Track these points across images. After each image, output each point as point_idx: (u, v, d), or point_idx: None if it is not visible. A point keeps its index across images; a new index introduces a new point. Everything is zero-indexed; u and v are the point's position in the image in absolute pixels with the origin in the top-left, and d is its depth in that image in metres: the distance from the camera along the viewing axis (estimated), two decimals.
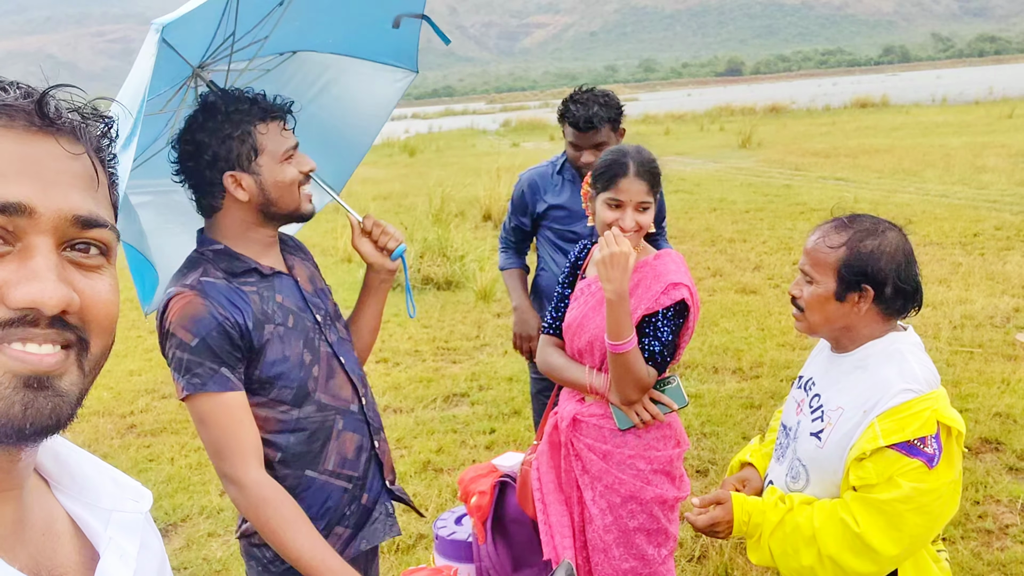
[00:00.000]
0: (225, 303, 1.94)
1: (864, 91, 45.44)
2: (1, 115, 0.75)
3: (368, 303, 2.39)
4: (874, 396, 1.98)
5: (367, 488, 2.18)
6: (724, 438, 5.08)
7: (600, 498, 2.62)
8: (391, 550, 4.01)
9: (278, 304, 2.06)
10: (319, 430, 2.08)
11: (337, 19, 2.50)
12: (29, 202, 0.74)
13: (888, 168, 16.58)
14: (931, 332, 6.78)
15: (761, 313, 7.68)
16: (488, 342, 7.45)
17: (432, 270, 9.49)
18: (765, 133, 25.71)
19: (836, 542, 1.95)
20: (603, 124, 3.37)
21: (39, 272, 0.74)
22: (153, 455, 5.36)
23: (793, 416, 2.24)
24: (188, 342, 1.89)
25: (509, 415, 5.70)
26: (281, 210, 2.05)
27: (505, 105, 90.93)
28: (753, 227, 11.69)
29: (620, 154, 2.58)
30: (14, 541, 0.80)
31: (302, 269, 2.23)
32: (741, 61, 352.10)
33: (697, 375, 6.28)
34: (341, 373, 2.15)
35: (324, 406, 2.08)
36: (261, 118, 2.00)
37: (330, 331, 2.17)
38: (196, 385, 1.89)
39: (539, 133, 34.76)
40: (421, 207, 13.09)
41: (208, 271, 1.99)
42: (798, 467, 2.14)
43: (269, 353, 1.99)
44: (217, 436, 1.90)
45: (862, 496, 1.94)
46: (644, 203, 2.54)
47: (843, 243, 2.06)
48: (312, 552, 1.84)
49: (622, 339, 2.44)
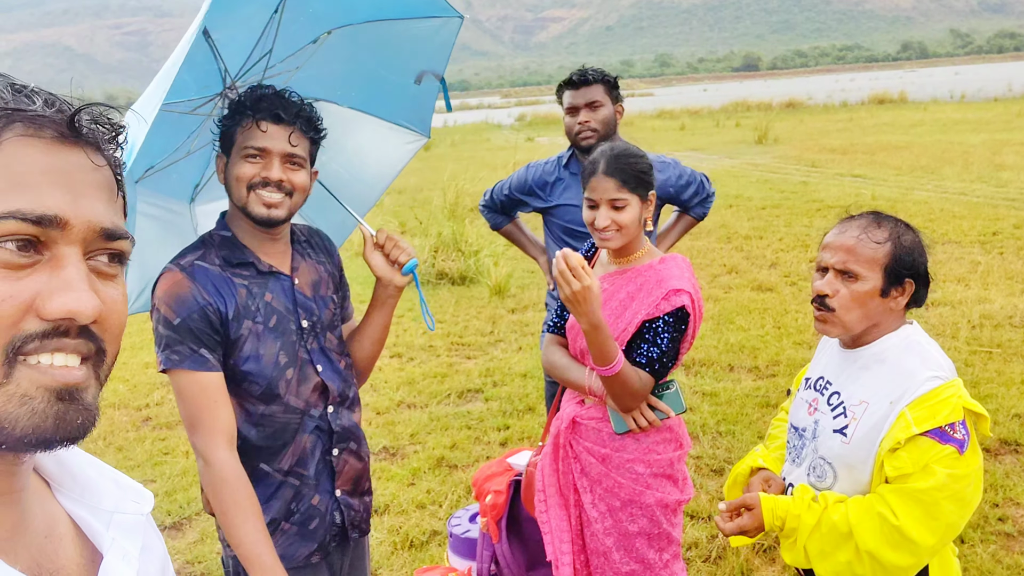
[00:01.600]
0: (211, 289, 2.02)
1: (882, 87, 45.17)
2: (29, 124, 0.75)
3: (373, 317, 2.37)
4: (900, 386, 1.99)
5: (318, 490, 2.21)
6: (740, 437, 5.05)
7: (600, 501, 2.59)
8: (404, 547, 4.01)
9: (265, 302, 2.10)
10: (282, 430, 2.13)
11: (362, 76, 2.56)
12: (63, 213, 0.75)
13: (906, 165, 16.46)
14: (949, 332, 6.72)
15: (777, 311, 7.63)
16: (502, 338, 7.43)
17: (446, 265, 9.48)
18: (781, 129, 25.58)
19: (874, 537, 1.95)
20: (597, 80, 3.54)
21: (72, 282, 0.75)
22: (168, 448, 5.38)
23: (805, 417, 2.23)
24: (171, 320, 1.98)
25: (523, 411, 5.69)
26: (237, 205, 2.08)
27: (520, 99, 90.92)
28: (769, 224, 11.62)
29: (598, 152, 2.57)
30: (15, 543, 0.80)
31: (308, 272, 2.24)
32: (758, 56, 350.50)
33: (713, 373, 6.25)
34: (314, 379, 2.17)
35: (290, 408, 2.13)
36: (248, 115, 2.05)
37: (315, 339, 2.19)
38: (174, 362, 1.97)
39: (554, 127, 34.70)
40: (436, 201, 13.07)
41: (207, 256, 2.07)
42: (823, 466, 2.13)
43: (243, 348, 2.05)
44: (192, 412, 1.98)
45: (898, 487, 1.94)
46: (616, 200, 2.48)
47: (887, 238, 2.06)
48: (253, 543, 1.91)
49: (608, 363, 2.40)
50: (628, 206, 2.49)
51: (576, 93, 3.53)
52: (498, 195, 3.90)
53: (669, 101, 51.63)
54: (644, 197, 2.52)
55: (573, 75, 3.58)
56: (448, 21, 2.50)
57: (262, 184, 2.04)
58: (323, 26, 2.42)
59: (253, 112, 2.04)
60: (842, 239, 2.09)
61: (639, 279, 2.54)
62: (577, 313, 2.34)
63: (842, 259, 2.07)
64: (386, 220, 12.87)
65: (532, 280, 9.31)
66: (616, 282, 2.56)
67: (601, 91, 3.52)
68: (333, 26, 2.43)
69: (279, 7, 2.24)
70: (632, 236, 2.54)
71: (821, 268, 2.14)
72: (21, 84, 0.78)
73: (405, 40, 2.51)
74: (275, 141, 2.04)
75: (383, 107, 2.66)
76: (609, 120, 3.52)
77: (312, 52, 2.44)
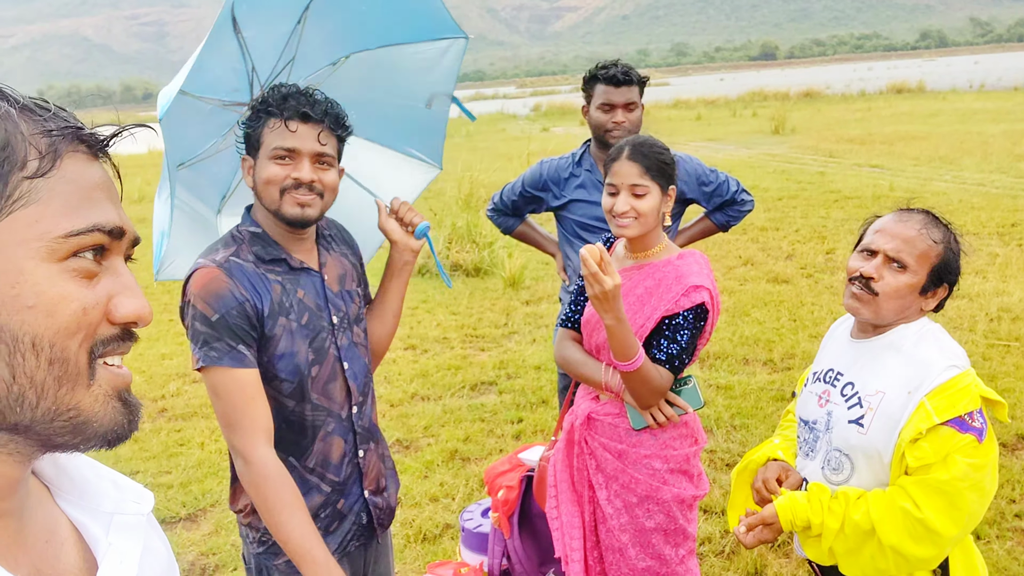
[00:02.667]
0: (248, 286, 2.00)
1: (900, 76, 44.78)
2: (73, 139, 0.80)
3: (391, 286, 2.41)
4: (918, 376, 2.00)
5: (345, 494, 2.22)
6: (754, 431, 5.02)
7: (615, 497, 2.58)
8: (416, 540, 4.01)
9: (298, 299, 2.10)
10: (308, 427, 2.13)
11: (376, 106, 2.57)
12: (125, 225, 0.81)
13: (924, 155, 16.32)
14: (967, 324, 6.66)
15: (793, 303, 7.58)
16: (516, 330, 7.43)
17: (461, 257, 9.48)
18: (799, 119, 25.41)
19: (896, 532, 1.95)
20: (636, 81, 3.45)
21: (132, 287, 0.81)
22: (184, 439, 5.41)
23: (816, 410, 2.22)
24: (208, 316, 1.96)
25: (537, 404, 5.68)
26: (268, 207, 2.06)
27: (536, 89, 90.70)
28: (785, 215, 11.56)
29: (624, 141, 2.57)
30: (16, 550, 0.81)
31: (335, 267, 2.24)
32: (775, 45, 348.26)
33: (727, 366, 6.22)
34: (340, 378, 2.18)
35: (317, 406, 2.13)
36: (275, 114, 2.03)
37: (343, 334, 2.20)
38: (212, 359, 1.95)
39: (570, 118, 34.61)
40: (450, 192, 13.07)
41: (240, 252, 2.05)
42: (838, 458, 2.12)
43: (277, 345, 2.04)
44: (229, 410, 1.96)
45: (919, 479, 1.94)
46: (638, 187, 2.47)
47: (942, 239, 2.08)
48: (302, 537, 1.90)
49: (629, 359, 2.40)
50: (648, 194, 2.48)
51: (615, 91, 3.43)
52: (508, 196, 3.83)
53: (685, 91, 51.38)
54: (665, 189, 2.52)
55: (613, 71, 3.45)
56: (454, 42, 2.51)
57: (294, 186, 2.01)
58: (341, 49, 2.44)
59: (280, 111, 2.01)
60: (902, 228, 2.08)
61: (657, 275, 2.53)
62: (603, 309, 2.33)
63: (897, 247, 2.06)
64: None
65: (546, 272, 9.30)
66: (634, 277, 2.55)
67: (637, 92, 3.46)
68: (351, 50, 2.45)
69: (302, 17, 2.25)
70: (650, 227, 2.52)
71: (868, 250, 2.12)
72: (34, 101, 0.81)
73: (414, 65, 2.53)
74: (304, 141, 2.02)
75: (396, 137, 2.68)
76: (639, 122, 3.49)
77: (329, 74, 2.44)
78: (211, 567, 3.93)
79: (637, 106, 3.45)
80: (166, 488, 4.70)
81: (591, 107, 3.51)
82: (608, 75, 3.44)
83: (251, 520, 2.14)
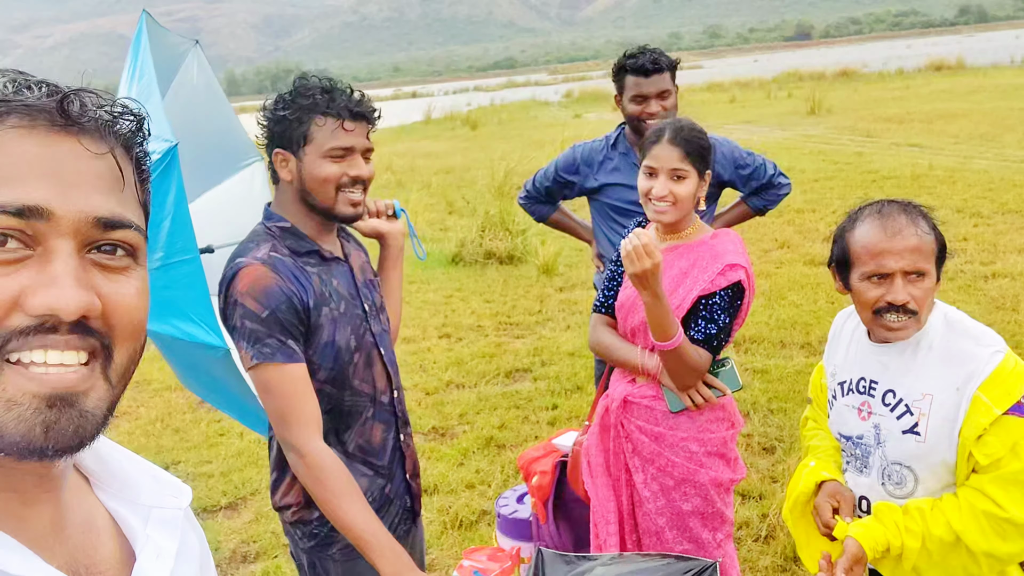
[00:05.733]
0: (292, 279, 2.02)
1: (939, 53, 43.82)
2: (23, 116, 0.74)
3: (392, 275, 2.46)
4: (963, 371, 1.92)
5: (391, 478, 2.25)
6: (792, 415, 4.98)
7: (652, 481, 2.57)
8: (453, 526, 4.04)
9: (334, 288, 2.13)
10: (348, 414, 2.15)
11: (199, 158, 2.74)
12: (47, 204, 0.73)
13: (965, 133, 16.00)
14: (1009, 304, 6.54)
15: (830, 286, 7.42)
16: (551, 317, 7.42)
17: (494, 244, 9.49)
18: (835, 99, 25.02)
19: (985, 537, 1.88)
20: (667, 67, 3.37)
21: (57, 277, 0.73)
22: (223, 429, 5.48)
23: (858, 424, 2.11)
24: (259, 313, 1.96)
25: (572, 391, 5.68)
26: (317, 204, 2.09)
27: (567, 75, 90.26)
28: (822, 197, 11.41)
29: (663, 123, 2.56)
30: (53, 541, 0.80)
31: (357, 257, 2.30)
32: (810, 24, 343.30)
33: (763, 350, 6.17)
34: (379, 363, 2.22)
35: (357, 392, 2.15)
36: (323, 111, 2.03)
37: (375, 321, 2.24)
38: (266, 355, 1.96)
39: (602, 103, 34.39)
40: (483, 181, 13.07)
41: (276, 247, 2.06)
42: (900, 471, 2.03)
43: (322, 335, 2.06)
44: (281, 405, 1.98)
45: (994, 476, 1.88)
46: (678, 171, 2.46)
47: (931, 226, 1.99)
48: (364, 524, 1.92)
49: (669, 338, 2.39)
50: (687, 179, 2.47)
51: (646, 81, 3.33)
52: (541, 183, 3.80)
53: (719, 73, 50.81)
54: (702, 175, 2.52)
55: (642, 60, 3.34)
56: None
57: (351, 183, 2.06)
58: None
59: (333, 110, 2.03)
60: (902, 240, 1.94)
61: (692, 255, 2.52)
62: (642, 286, 2.33)
63: (912, 261, 1.94)
64: (434, 200, 12.92)
65: (580, 258, 9.27)
66: (668, 258, 2.54)
67: (669, 78, 3.37)
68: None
69: None
70: (685, 213, 2.53)
71: (880, 275, 1.96)
72: (25, 78, 0.76)
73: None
74: (359, 139, 2.07)
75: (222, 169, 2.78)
76: (675, 106, 3.41)
77: None
78: (252, 554, 3.99)
79: (671, 93, 3.39)
80: (207, 477, 4.77)
81: (623, 98, 3.44)
82: (637, 65, 3.35)
83: (300, 515, 2.15)
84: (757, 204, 3.66)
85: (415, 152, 21.29)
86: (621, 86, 3.45)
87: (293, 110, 2.05)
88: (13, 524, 0.77)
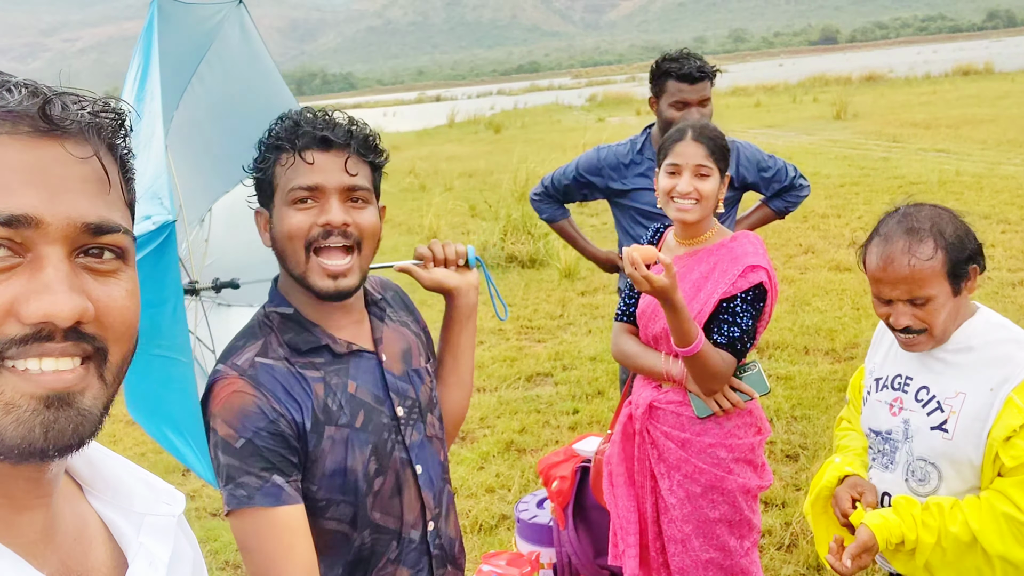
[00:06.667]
0: (281, 395, 1.56)
1: (967, 58, 43.36)
2: (4, 122, 0.73)
3: (462, 340, 1.97)
4: (1001, 372, 1.91)
5: None
6: (815, 422, 4.93)
7: (678, 488, 2.55)
8: (473, 530, 4.02)
9: (348, 396, 1.64)
10: (363, 559, 1.65)
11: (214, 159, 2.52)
12: (36, 212, 0.72)
13: (992, 139, 15.80)
14: None
15: (856, 292, 7.41)
16: (572, 321, 7.40)
17: (516, 248, 9.48)
18: (861, 104, 24.81)
19: (1002, 540, 1.86)
20: (709, 75, 3.36)
21: (50, 284, 0.72)
22: None
23: (888, 419, 2.11)
24: (232, 443, 1.52)
25: (593, 395, 5.65)
26: (295, 275, 1.61)
27: (591, 80, 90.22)
28: (848, 202, 11.30)
29: (684, 123, 2.57)
30: (44, 547, 0.80)
31: (395, 341, 1.78)
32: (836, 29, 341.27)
33: (787, 356, 6.11)
34: (412, 489, 1.70)
35: (379, 528, 1.66)
36: (287, 147, 1.58)
37: (412, 429, 1.73)
38: (240, 498, 1.50)
39: (625, 107, 34.33)
40: (506, 184, 13.05)
41: (268, 347, 1.62)
42: (924, 468, 2.02)
43: (325, 463, 1.59)
44: (262, 562, 1.49)
45: (1018, 480, 1.85)
46: (702, 168, 2.46)
47: (934, 247, 1.94)
48: None
49: (689, 344, 2.36)
50: (711, 177, 2.48)
51: (690, 89, 3.30)
52: (559, 181, 3.76)
53: (744, 77, 50.54)
54: (723, 174, 2.52)
55: (688, 67, 3.30)
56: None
57: (323, 235, 1.55)
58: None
59: (290, 142, 1.56)
60: (893, 270, 1.94)
61: (712, 258, 2.50)
62: (660, 298, 2.33)
63: (906, 291, 1.95)
64: (456, 204, 12.92)
65: None
66: (687, 263, 2.52)
67: (709, 86, 3.36)
68: None
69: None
70: (708, 212, 2.52)
71: (882, 299, 2.01)
72: (3, 78, 0.75)
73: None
74: (328, 174, 1.55)
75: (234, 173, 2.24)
76: (711, 115, 3.38)
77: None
78: None
79: (710, 100, 3.38)
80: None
81: (661, 102, 3.39)
82: (683, 72, 3.30)
83: None
84: (779, 206, 3.65)
85: (438, 155, 21.33)
86: (660, 90, 3.40)
87: (263, 154, 1.62)
88: (3, 530, 0.76)
